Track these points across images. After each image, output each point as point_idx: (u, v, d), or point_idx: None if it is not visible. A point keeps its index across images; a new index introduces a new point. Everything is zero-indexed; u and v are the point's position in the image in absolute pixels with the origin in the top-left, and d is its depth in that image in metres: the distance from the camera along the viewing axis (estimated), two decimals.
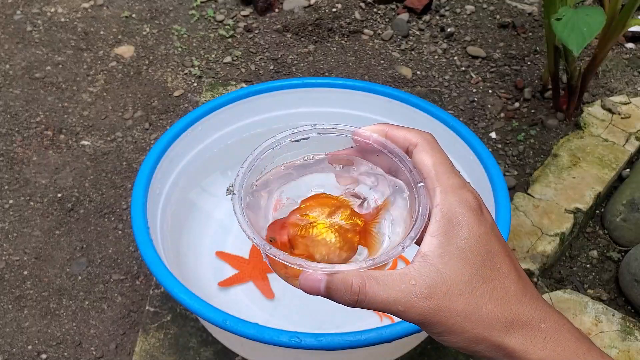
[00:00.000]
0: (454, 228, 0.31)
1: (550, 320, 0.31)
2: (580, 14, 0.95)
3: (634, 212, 1.04)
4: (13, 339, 0.90)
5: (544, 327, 0.31)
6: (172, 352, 0.73)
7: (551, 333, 0.31)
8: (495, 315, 0.30)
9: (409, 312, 0.30)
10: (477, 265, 0.30)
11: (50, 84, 1.31)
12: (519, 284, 0.31)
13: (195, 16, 1.48)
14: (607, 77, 1.35)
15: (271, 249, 0.31)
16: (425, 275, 0.30)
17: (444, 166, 0.32)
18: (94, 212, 1.06)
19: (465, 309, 0.30)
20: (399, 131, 0.34)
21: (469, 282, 0.30)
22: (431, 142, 0.33)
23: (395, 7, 1.52)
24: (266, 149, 0.35)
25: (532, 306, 0.31)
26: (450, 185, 0.32)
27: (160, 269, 0.62)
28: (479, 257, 0.31)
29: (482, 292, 0.30)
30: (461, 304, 0.30)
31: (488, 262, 0.31)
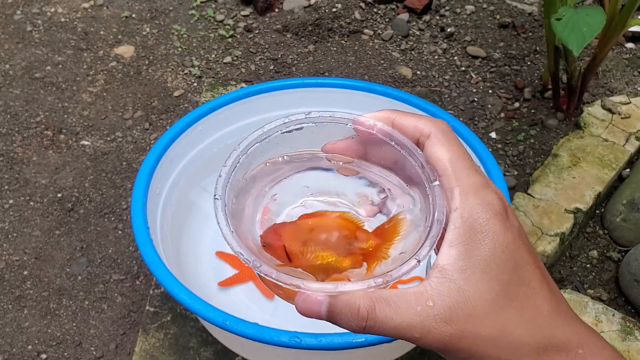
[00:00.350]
0: (476, 236, 0.26)
1: (589, 344, 0.27)
2: (580, 14, 0.95)
3: (634, 212, 1.04)
4: (13, 339, 0.90)
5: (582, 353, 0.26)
6: (172, 352, 0.73)
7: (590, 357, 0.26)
8: (525, 341, 0.26)
9: (426, 338, 0.26)
10: (504, 280, 0.26)
11: (50, 84, 1.31)
12: (552, 302, 0.27)
13: (195, 16, 1.48)
14: (607, 77, 1.35)
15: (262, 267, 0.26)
16: (445, 294, 0.26)
17: (463, 161, 0.28)
18: (94, 212, 1.06)
19: (492, 333, 0.26)
20: (408, 119, 0.29)
21: (495, 302, 0.26)
22: (446, 133, 0.28)
23: (395, 7, 1.52)
24: (253, 142, 0.30)
25: (568, 328, 0.27)
26: (471, 184, 0.27)
27: (160, 269, 0.62)
28: (506, 270, 0.26)
29: (511, 313, 0.26)
30: (487, 328, 0.26)
31: (516, 276, 0.26)
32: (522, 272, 0.27)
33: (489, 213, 0.26)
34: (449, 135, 0.28)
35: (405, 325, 0.26)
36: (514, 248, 0.27)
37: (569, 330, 0.27)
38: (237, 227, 0.28)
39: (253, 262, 0.26)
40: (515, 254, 0.27)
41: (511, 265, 0.26)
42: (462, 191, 0.27)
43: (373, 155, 0.31)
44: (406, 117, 0.29)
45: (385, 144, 0.29)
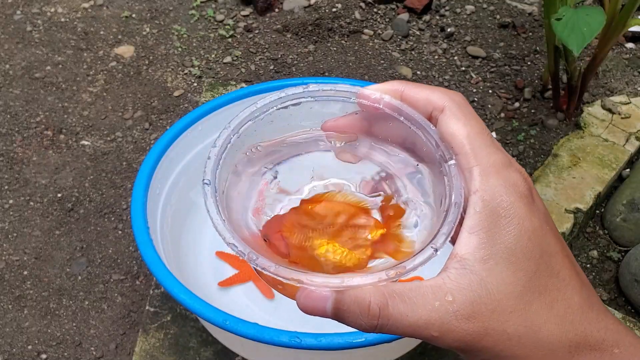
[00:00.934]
0: (499, 222, 0.23)
1: (625, 343, 0.24)
2: (580, 14, 0.94)
3: (634, 212, 1.04)
4: (13, 339, 0.90)
5: (618, 353, 0.24)
6: (172, 352, 0.73)
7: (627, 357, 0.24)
8: (557, 338, 0.23)
9: (445, 337, 0.23)
10: (531, 270, 0.23)
11: (50, 84, 1.31)
12: (583, 295, 0.24)
13: (195, 16, 1.48)
14: (607, 77, 1.35)
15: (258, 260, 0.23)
16: (466, 287, 0.23)
17: (482, 137, 0.24)
18: (94, 212, 1.06)
19: (519, 330, 0.23)
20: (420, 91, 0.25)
21: (522, 295, 0.23)
22: (463, 106, 0.25)
23: (395, 7, 1.52)
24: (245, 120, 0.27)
25: (602, 324, 0.24)
26: (492, 163, 0.24)
27: (160, 269, 0.62)
28: (532, 260, 0.23)
29: (540, 308, 0.23)
30: (513, 325, 0.23)
31: (544, 266, 0.24)
32: (550, 262, 0.24)
33: (513, 195, 0.23)
34: (465, 108, 0.25)
35: (422, 323, 0.23)
36: (541, 234, 0.24)
37: (603, 326, 0.24)
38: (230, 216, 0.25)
39: (248, 255, 0.23)
40: (543, 241, 0.24)
41: (538, 254, 0.23)
42: (482, 171, 0.24)
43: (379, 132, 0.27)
44: (417, 88, 0.26)
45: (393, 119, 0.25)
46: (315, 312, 0.24)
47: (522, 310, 0.23)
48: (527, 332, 0.23)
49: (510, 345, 0.23)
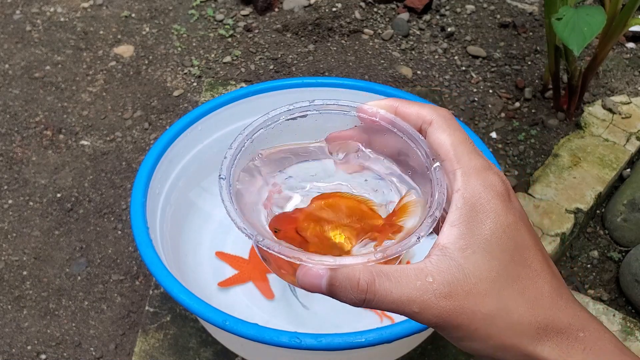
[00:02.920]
0: (477, 216, 0.26)
1: (590, 328, 0.27)
2: (580, 14, 0.94)
3: (635, 212, 1.04)
4: (12, 339, 0.90)
5: (582, 337, 0.26)
6: (172, 353, 0.73)
7: (591, 344, 0.26)
8: (526, 320, 0.26)
9: (424, 313, 0.26)
10: (505, 260, 0.26)
11: (49, 83, 1.30)
12: (554, 284, 0.27)
13: (194, 16, 1.48)
14: (608, 76, 1.35)
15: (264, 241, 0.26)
16: (445, 270, 0.26)
17: (465, 145, 0.28)
18: (94, 212, 1.06)
19: (492, 311, 0.26)
20: (411, 107, 0.29)
21: (496, 280, 0.26)
22: (448, 119, 0.29)
23: (396, 6, 1.52)
24: (258, 127, 0.31)
25: (569, 311, 0.27)
26: (473, 166, 0.27)
27: (160, 269, 0.62)
28: (507, 250, 0.26)
29: (512, 293, 0.26)
30: (487, 306, 0.26)
31: (518, 256, 0.26)
32: (523, 253, 0.27)
33: (491, 194, 0.27)
34: (450, 121, 0.29)
35: (405, 299, 0.26)
36: (516, 229, 0.27)
37: (570, 313, 0.27)
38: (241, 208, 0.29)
39: (255, 237, 0.26)
40: (517, 234, 0.27)
41: (512, 246, 0.26)
42: (464, 173, 0.27)
43: (377, 143, 0.31)
44: (409, 105, 0.30)
45: (388, 131, 0.29)
46: (313, 288, 0.27)
47: (495, 293, 0.26)
48: (499, 313, 0.26)
49: (484, 324, 0.26)
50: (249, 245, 0.82)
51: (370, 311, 0.74)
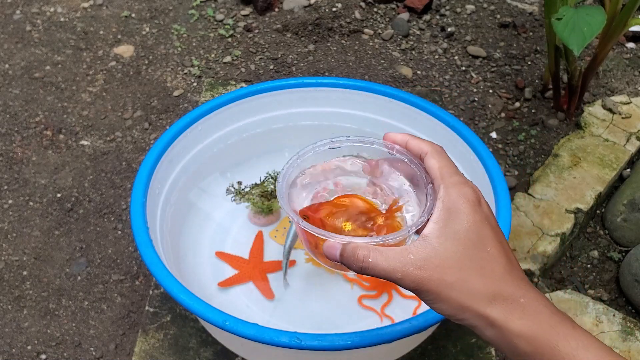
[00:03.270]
0: (452, 216, 0.36)
1: (529, 296, 0.35)
2: (580, 14, 0.94)
3: (635, 212, 1.04)
4: (12, 339, 0.90)
5: (522, 302, 0.35)
6: (172, 353, 0.73)
7: (529, 306, 0.35)
8: (479, 289, 0.35)
9: (405, 280, 0.35)
10: (469, 246, 0.35)
11: (49, 83, 1.30)
12: (506, 267, 0.36)
13: (195, 16, 1.48)
14: (608, 76, 1.35)
15: (304, 223, 0.39)
16: (422, 250, 0.35)
17: (449, 168, 0.38)
18: (94, 212, 1.06)
19: (453, 280, 0.35)
20: (416, 141, 0.41)
21: (460, 260, 0.35)
22: (439, 151, 0.40)
23: (396, 6, 1.52)
24: (307, 152, 0.45)
25: (515, 285, 0.35)
26: (452, 182, 0.37)
27: (160, 269, 0.62)
28: (471, 240, 0.36)
29: (470, 269, 0.35)
30: (450, 276, 0.35)
31: (479, 245, 0.36)
32: (484, 243, 0.36)
33: (464, 200, 0.36)
34: (441, 152, 0.40)
35: (391, 269, 0.35)
36: (481, 226, 0.36)
37: (515, 285, 0.35)
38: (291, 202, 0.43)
39: (298, 220, 0.39)
40: (481, 230, 0.36)
41: (476, 237, 0.36)
42: (445, 186, 0.37)
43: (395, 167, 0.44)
44: (415, 140, 0.41)
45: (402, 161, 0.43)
46: (331, 256, 0.38)
47: (458, 268, 0.35)
48: (459, 282, 0.35)
49: (446, 289, 0.35)
50: (248, 245, 0.82)
51: (370, 311, 0.74)
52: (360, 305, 0.75)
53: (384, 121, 0.87)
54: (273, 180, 0.83)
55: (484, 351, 0.73)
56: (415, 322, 0.56)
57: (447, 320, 0.75)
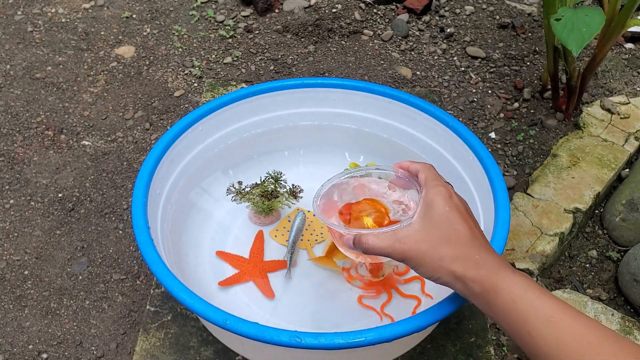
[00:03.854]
0: (429, 207, 0.51)
1: (483, 254, 0.48)
2: (579, 15, 0.95)
3: (633, 212, 1.04)
4: (14, 339, 0.90)
5: (477, 258, 0.48)
6: (173, 352, 0.74)
7: (481, 261, 0.47)
8: (447, 253, 0.48)
9: (393, 253, 0.51)
10: (440, 226, 0.49)
11: (51, 84, 1.31)
12: (469, 238, 0.49)
13: (195, 17, 1.48)
14: (607, 77, 1.36)
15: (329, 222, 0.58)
16: (405, 231, 0.50)
17: (431, 178, 0.53)
18: (95, 212, 1.07)
19: (427, 249, 0.49)
20: (414, 165, 0.57)
21: (432, 235, 0.49)
22: (428, 167, 0.55)
23: (395, 7, 1.53)
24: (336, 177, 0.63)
25: (474, 248, 0.48)
26: (431, 185, 0.52)
27: (161, 268, 0.62)
28: (442, 222, 0.49)
29: (440, 241, 0.49)
30: (425, 247, 0.49)
31: (448, 225, 0.49)
32: (452, 223, 0.49)
33: (439, 196, 0.51)
34: (429, 168, 0.55)
35: (384, 247, 0.51)
36: (449, 212, 0.50)
37: (474, 249, 0.48)
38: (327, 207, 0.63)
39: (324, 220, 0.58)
40: (450, 215, 0.50)
41: (446, 220, 0.49)
42: (427, 189, 0.52)
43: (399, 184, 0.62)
44: (413, 164, 0.57)
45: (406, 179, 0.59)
46: (349, 245, 0.55)
47: (430, 241, 0.49)
48: (432, 250, 0.49)
49: (423, 256, 0.49)
50: (249, 244, 0.83)
51: (370, 310, 0.74)
52: (360, 305, 0.75)
53: (383, 121, 0.88)
54: (273, 180, 0.84)
55: (483, 350, 0.74)
56: (415, 320, 0.56)
57: (447, 319, 0.74)
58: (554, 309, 0.43)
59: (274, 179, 0.84)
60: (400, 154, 0.87)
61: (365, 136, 0.90)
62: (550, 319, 0.42)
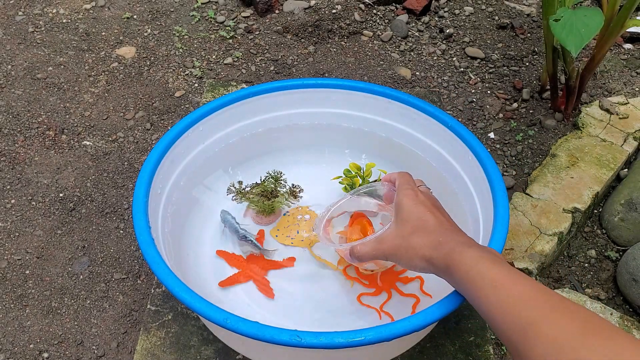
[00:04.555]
0: (399, 208, 0.59)
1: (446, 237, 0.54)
2: (578, 15, 0.95)
3: (632, 212, 1.04)
4: (15, 338, 0.91)
5: (440, 240, 0.54)
6: (173, 351, 0.74)
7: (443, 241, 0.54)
8: (417, 242, 0.55)
9: (377, 254, 0.59)
10: (410, 223, 0.57)
11: (52, 84, 1.31)
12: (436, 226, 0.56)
13: (196, 17, 1.49)
14: (605, 77, 1.36)
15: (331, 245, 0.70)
16: (384, 233, 0.59)
17: (402, 183, 0.62)
18: (96, 211, 1.07)
19: (401, 242, 0.57)
20: (392, 174, 0.66)
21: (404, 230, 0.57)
22: (402, 175, 0.64)
23: (395, 8, 1.53)
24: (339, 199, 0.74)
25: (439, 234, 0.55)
26: (401, 189, 0.60)
27: (161, 268, 0.62)
28: (411, 219, 0.57)
29: (411, 233, 0.56)
30: (398, 241, 0.57)
31: (417, 220, 0.57)
32: (420, 217, 0.57)
33: (406, 198, 0.59)
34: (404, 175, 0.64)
35: (370, 250, 0.60)
36: (416, 208, 0.57)
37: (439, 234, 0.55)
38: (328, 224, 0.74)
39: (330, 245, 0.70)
40: (417, 211, 0.57)
41: (415, 216, 0.57)
42: (397, 193, 0.60)
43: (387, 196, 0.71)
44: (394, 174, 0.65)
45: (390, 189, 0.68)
46: (346, 258, 0.65)
47: (403, 236, 0.57)
48: (405, 243, 0.56)
49: (398, 249, 0.57)
50: None
51: (370, 309, 0.75)
52: (360, 304, 0.76)
53: (383, 122, 0.88)
54: (273, 180, 0.84)
55: (482, 349, 0.74)
56: (415, 319, 0.57)
57: (447, 319, 0.75)
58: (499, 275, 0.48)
59: (274, 179, 0.85)
60: (400, 154, 0.88)
61: (365, 136, 0.90)
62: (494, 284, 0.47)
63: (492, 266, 0.49)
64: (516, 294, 0.45)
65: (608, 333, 0.39)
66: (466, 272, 0.50)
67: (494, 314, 0.46)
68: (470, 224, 0.76)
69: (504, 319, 0.45)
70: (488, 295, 0.47)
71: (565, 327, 0.40)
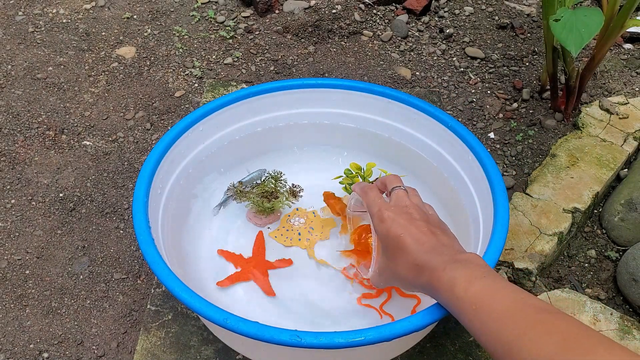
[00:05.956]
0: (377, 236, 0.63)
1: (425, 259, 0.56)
2: (578, 15, 0.95)
3: (632, 212, 1.04)
4: (15, 338, 0.91)
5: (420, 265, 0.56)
6: (173, 351, 0.74)
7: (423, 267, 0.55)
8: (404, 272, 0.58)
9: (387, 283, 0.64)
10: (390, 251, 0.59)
11: (52, 84, 1.31)
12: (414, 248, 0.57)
13: (196, 17, 1.49)
14: (605, 77, 1.36)
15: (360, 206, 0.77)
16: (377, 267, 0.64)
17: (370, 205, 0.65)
18: (96, 211, 1.07)
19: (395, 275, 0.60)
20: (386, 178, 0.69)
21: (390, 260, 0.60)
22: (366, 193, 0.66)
23: (395, 8, 1.53)
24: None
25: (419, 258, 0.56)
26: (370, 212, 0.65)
27: (161, 268, 0.63)
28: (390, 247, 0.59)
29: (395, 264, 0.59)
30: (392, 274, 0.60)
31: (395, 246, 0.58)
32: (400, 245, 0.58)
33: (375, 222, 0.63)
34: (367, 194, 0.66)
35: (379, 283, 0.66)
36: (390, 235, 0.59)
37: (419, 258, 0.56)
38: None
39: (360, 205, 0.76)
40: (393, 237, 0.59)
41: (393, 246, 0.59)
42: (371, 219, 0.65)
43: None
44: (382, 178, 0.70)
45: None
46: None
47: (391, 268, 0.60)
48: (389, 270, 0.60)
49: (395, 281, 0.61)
50: (250, 243, 0.83)
51: (370, 309, 0.75)
52: (360, 304, 0.76)
53: (383, 122, 0.88)
54: (273, 180, 0.84)
55: (482, 349, 0.74)
56: (415, 320, 0.57)
57: (447, 319, 0.75)
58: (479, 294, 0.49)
59: (274, 179, 0.85)
60: (400, 154, 0.88)
61: (365, 136, 0.90)
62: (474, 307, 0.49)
63: (469, 286, 0.50)
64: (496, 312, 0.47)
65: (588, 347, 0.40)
66: (447, 299, 0.52)
67: (479, 335, 0.48)
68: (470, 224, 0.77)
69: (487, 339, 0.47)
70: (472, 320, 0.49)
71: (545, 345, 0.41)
